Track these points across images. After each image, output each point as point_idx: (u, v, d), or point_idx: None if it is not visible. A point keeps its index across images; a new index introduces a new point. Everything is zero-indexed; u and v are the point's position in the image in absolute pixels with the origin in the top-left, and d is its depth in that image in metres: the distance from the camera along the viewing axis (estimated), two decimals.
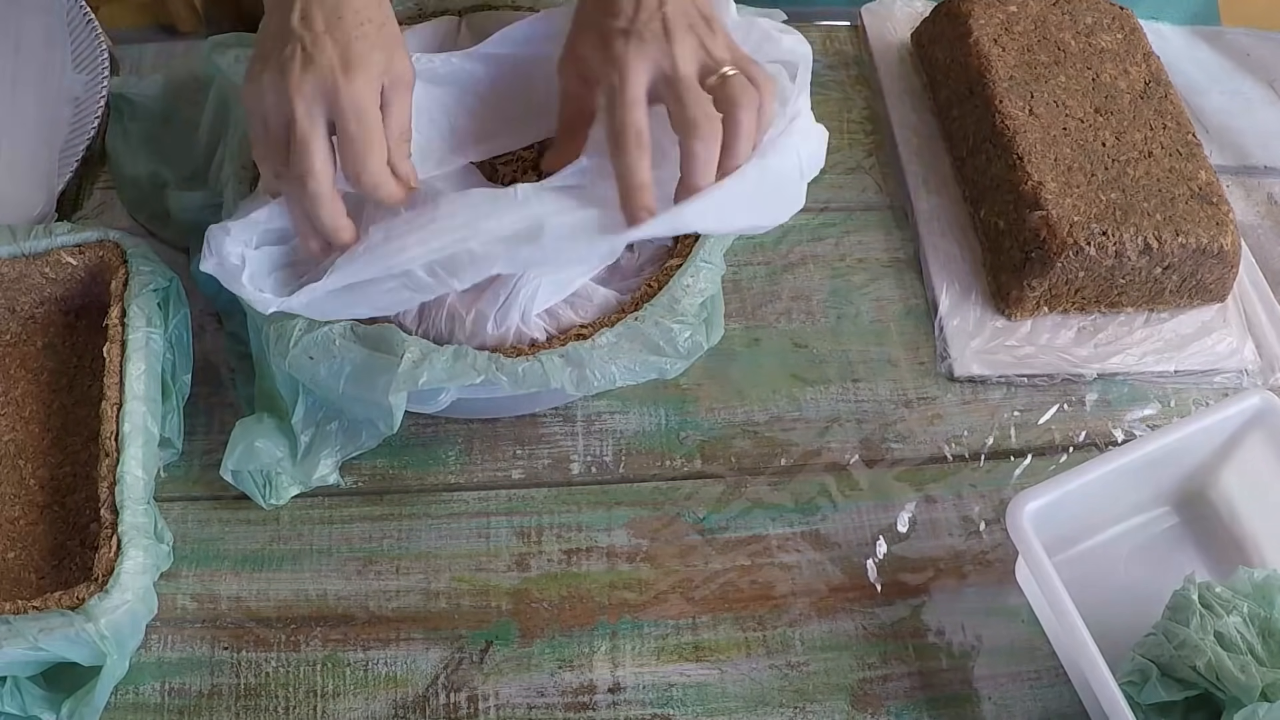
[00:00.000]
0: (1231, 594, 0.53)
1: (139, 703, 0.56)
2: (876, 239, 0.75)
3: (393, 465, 0.64)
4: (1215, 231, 0.68)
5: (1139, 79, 0.75)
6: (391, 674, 0.57)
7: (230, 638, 0.58)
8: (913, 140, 0.79)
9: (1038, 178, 0.69)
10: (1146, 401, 0.69)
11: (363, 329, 0.56)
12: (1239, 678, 0.50)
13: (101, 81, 0.73)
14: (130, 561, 0.53)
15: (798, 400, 0.68)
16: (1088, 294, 0.70)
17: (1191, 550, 0.63)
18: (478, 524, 0.62)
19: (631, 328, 0.57)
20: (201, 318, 0.67)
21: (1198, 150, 0.72)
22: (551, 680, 0.58)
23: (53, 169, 0.70)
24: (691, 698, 0.57)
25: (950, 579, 0.62)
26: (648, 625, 0.59)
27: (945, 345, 0.70)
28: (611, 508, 0.63)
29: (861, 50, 0.85)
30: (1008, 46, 0.75)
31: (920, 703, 0.58)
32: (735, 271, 0.72)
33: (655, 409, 0.67)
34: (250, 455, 0.60)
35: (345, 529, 0.62)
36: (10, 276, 0.63)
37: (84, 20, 0.75)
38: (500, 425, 0.65)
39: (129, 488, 0.55)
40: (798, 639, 0.59)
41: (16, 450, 0.61)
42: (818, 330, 0.71)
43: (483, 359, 0.55)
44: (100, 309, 0.62)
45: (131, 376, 0.58)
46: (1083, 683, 0.57)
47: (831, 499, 0.64)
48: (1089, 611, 0.53)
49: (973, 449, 0.67)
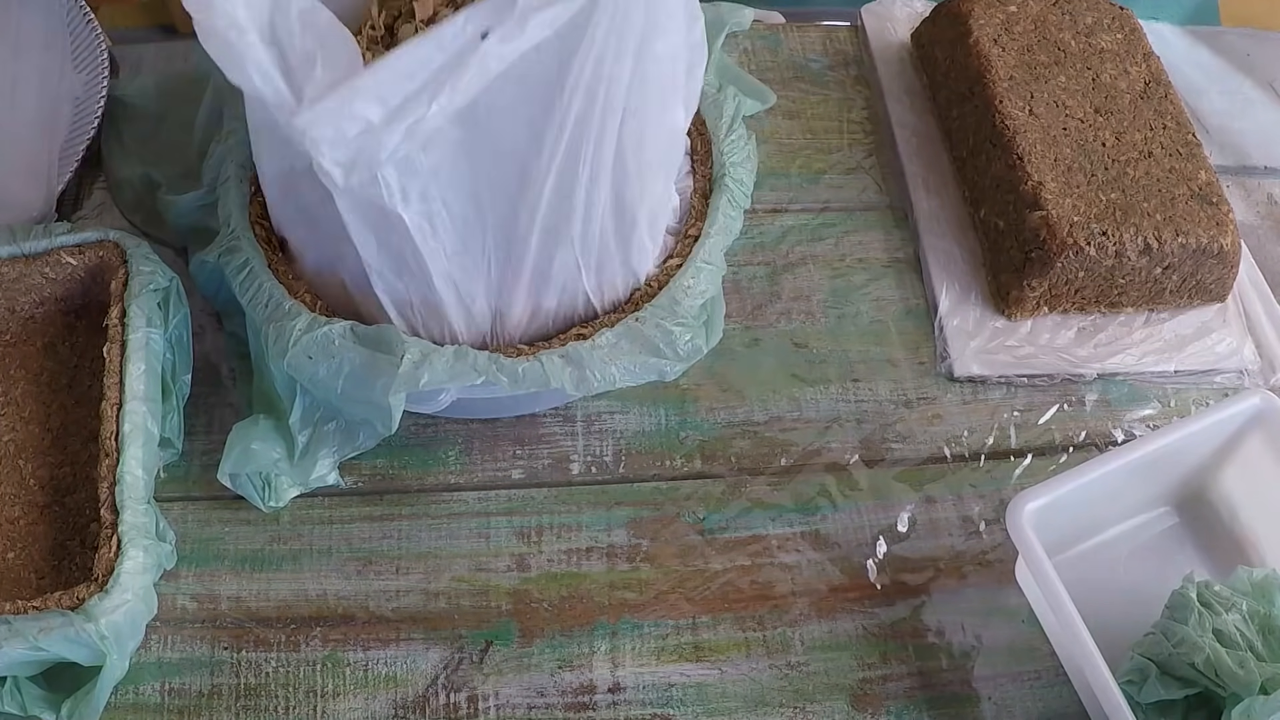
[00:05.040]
0: (1230, 592, 0.53)
1: (139, 703, 0.56)
2: (876, 239, 0.75)
3: (393, 465, 0.64)
4: (1215, 231, 0.68)
5: (1139, 79, 0.75)
6: (391, 674, 0.57)
7: (230, 638, 0.58)
8: (913, 140, 0.79)
9: (1038, 178, 0.69)
10: (1146, 401, 0.69)
11: (362, 329, 0.56)
12: (1238, 674, 0.50)
13: (101, 81, 0.73)
14: (130, 561, 0.53)
15: (798, 400, 0.68)
16: (1088, 294, 0.70)
17: (1191, 550, 0.63)
18: (478, 524, 0.62)
19: (631, 329, 0.57)
20: (201, 318, 0.67)
21: (1198, 150, 0.72)
22: (551, 680, 0.58)
23: (53, 169, 0.70)
24: (691, 698, 0.57)
25: (950, 579, 0.62)
26: (648, 625, 0.59)
27: (945, 345, 0.70)
28: (611, 508, 0.63)
29: (861, 50, 0.85)
30: (1008, 47, 0.75)
31: (920, 703, 0.58)
32: (735, 272, 0.72)
33: (655, 409, 0.67)
34: (247, 458, 0.60)
35: (345, 529, 0.62)
36: (10, 276, 0.63)
37: (84, 20, 0.75)
38: (500, 425, 0.66)
39: (129, 488, 0.55)
40: (798, 639, 0.59)
41: (16, 450, 0.61)
42: (818, 330, 0.71)
43: (483, 359, 0.55)
44: (100, 309, 0.62)
45: (131, 376, 0.58)
46: (1083, 683, 0.57)
47: (831, 499, 0.64)
48: (1089, 611, 0.53)
49: (973, 449, 0.67)
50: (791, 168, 0.78)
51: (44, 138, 0.71)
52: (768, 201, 0.76)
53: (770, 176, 0.77)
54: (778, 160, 0.78)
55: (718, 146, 0.65)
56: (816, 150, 0.79)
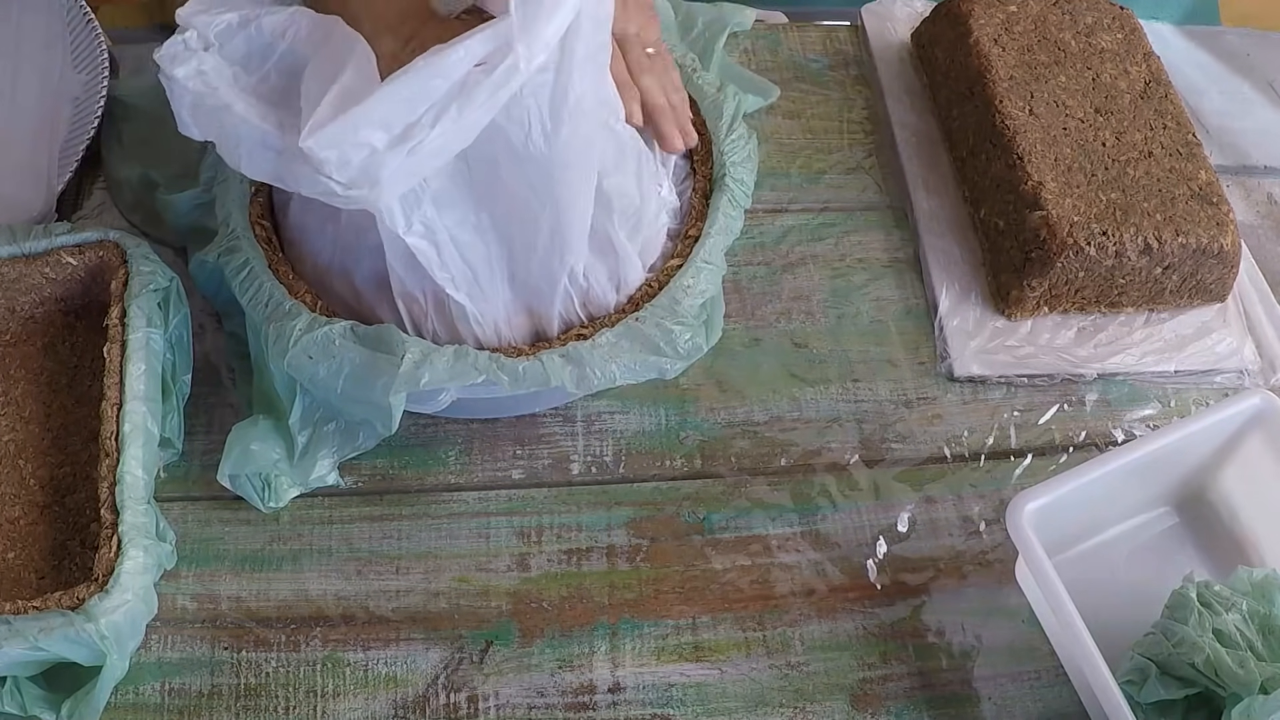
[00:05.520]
0: (1230, 592, 0.53)
1: (139, 703, 0.56)
2: (876, 239, 0.75)
3: (393, 465, 0.64)
4: (1215, 231, 0.68)
5: (1139, 79, 0.75)
6: (391, 674, 0.57)
7: (230, 638, 0.58)
8: (913, 140, 0.79)
9: (1038, 178, 0.69)
10: (1146, 401, 0.69)
11: (363, 329, 0.56)
12: (1238, 673, 0.50)
13: (101, 81, 0.72)
14: (130, 561, 0.53)
15: (798, 400, 0.68)
16: (1088, 294, 0.70)
17: (1191, 550, 0.63)
18: (478, 524, 0.62)
19: (632, 328, 0.57)
20: (201, 318, 0.67)
21: (1198, 150, 0.72)
22: (551, 680, 0.58)
23: (53, 169, 0.70)
24: (691, 698, 0.57)
25: (950, 579, 0.62)
26: (648, 625, 0.59)
27: (945, 345, 0.70)
28: (611, 508, 0.63)
29: (861, 50, 0.85)
30: (1008, 46, 0.75)
31: (920, 703, 0.58)
32: (735, 271, 0.72)
33: (655, 409, 0.67)
34: (247, 458, 0.59)
35: (345, 529, 0.62)
36: (10, 276, 0.63)
37: (84, 20, 0.75)
38: (500, 425, 0.66)
39: (129, 488, 0.55)
40: (798, 639, 0.59)
41: (16, 450, 0.61)
42: (818, 330, 0.71)
43: (483, 358, 0.55)
44: (100, 309, 0.62)
45: (131, 376, 0.58)
46: (1083, 683, 0.57)
47: (831, 499, 0.64)
48: (1089, 611, 0.53)
49: (973, 449, 0.67)
50: (792, 168, 0.78)
51: (44, 138, 0.71)
52: (768, 201, 0.76)
53: (770, 176, 0.77)
54: (778, 160, 0.78)
55: (718, 146, 0.65)
56: (816, 150, 0.79)
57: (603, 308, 0.59)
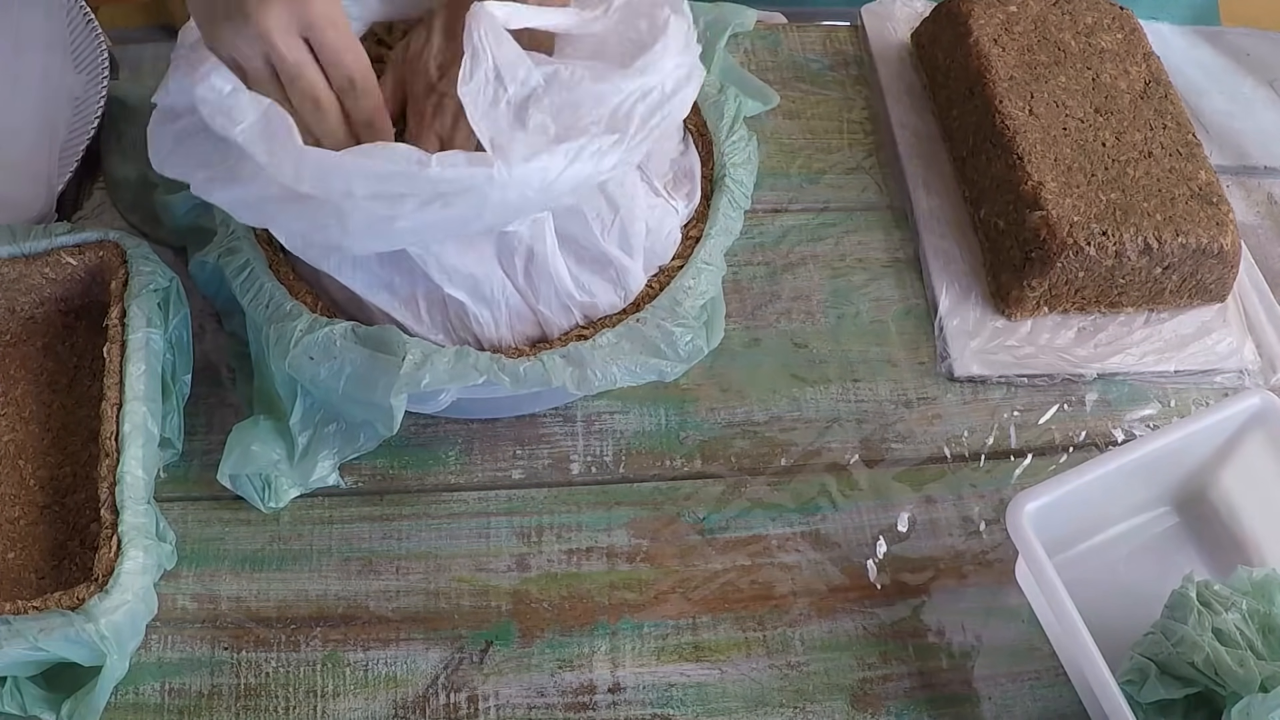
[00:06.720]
0: (1230, 591, 0.53)
1: (139, 703, 0.56)
2: (876, 239, 0.75)
3: (393, 466, 0.64)
4: (1215, 231, 0.68)
5: (1139, 79, 0.75)
6: (391, 674, 0.57)
7: (230, 638, 0.58)
8: (913, 140, 0.79)
9: (1038, 178, 0.69)
10: (1146, 401, 0.69)
11: (364, 330, 0.56)
12: (1237, 672, 0.50)
13: (101, 82, 0.73)
14: (130, 562, 0.53)
15: (798, 400, 0.68)
16: (1088, 294, 0.70)
17: (1191, 550, 0.63)
18: (478, 524, 0.62)
19: (632, 329, 0.57)
20: (201, 318, 0.67)
21: (1198, 150, 0.72)
22: (551, 680, 0.58)
23: (53, 169, 0.70)
24: (691, 698, 0.57)
25: (950, 579, 0.62)
26: (648, 625, 0.59)
27: (945, 345, 0.70)
28: (611, 508, 0.63)
29: (861, 50, 0.85)
30: (1008, 47, 0.75)
31: (920, 703, 0.58)
32: (735, 271, 0.72)
33: (655, 409, 0.67)
34: (247, 459, 0.59)
35: (345, 529, 0.62)
36: (10, 276, 0.63)
37: (84, 20, 0.75)
38: (500, 425, 0.66)
39: (129, 488, 0.55)
40: (798, 639, 0.59)
41: (16, 450, 0.61)
42: (817, 330, 0.71)
43: (484, 359, 0.55)
44: (100, 309, 0.62)
45: (131, 376, 0.58)
46: (1083, 682, 0.57)
47: (831, 499, 0.64)
48: (1089, 611, 0.53)
49: (973, 449, 0.67)
50: (791, 168, 0.78)
51: (44, 138, 0.71)
52: (768, 201, 0.76)
53: (770, 176, 0.77)
54: (778, 160, 0.78)
55: (718, 148, 0.65)
56: (816, 150, 0.79)
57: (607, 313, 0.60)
